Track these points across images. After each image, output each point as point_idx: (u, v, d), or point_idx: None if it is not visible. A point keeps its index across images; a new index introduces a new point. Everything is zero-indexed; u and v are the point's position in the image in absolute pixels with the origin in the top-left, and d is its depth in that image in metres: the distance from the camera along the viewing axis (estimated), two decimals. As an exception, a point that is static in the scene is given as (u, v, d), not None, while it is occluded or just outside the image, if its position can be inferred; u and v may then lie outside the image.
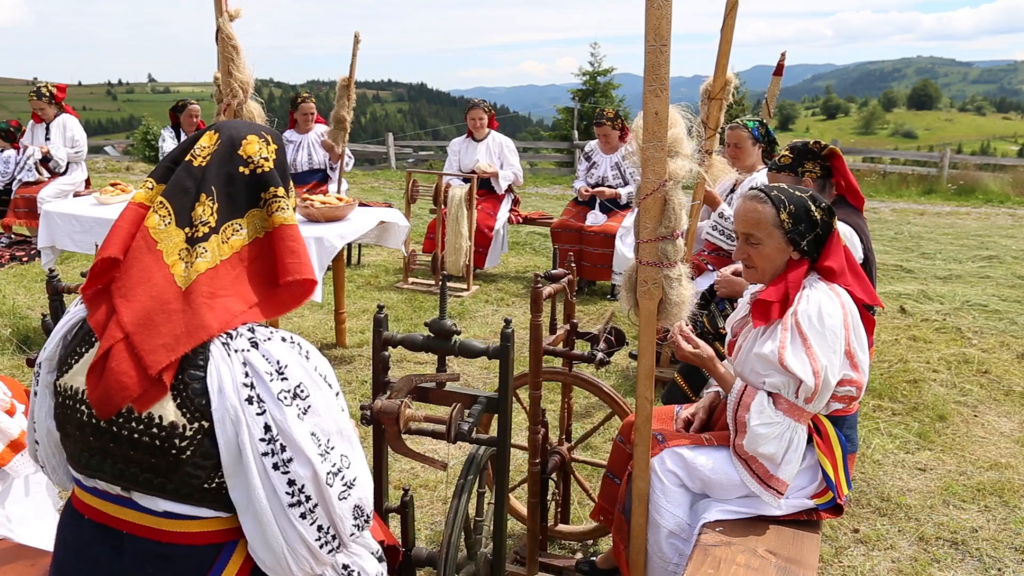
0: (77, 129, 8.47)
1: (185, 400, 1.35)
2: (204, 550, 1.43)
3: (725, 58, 4.21)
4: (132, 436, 1.35)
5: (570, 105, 27.18)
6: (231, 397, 1.34)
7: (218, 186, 1.43)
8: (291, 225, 1.46)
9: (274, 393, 1.35)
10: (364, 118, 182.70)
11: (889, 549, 3.32)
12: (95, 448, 1.39)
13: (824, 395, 2.36)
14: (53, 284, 2.85)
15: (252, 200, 1.46)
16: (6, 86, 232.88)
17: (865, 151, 20.56)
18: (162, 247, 1.39)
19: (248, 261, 1.44)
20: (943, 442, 4.29)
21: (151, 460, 1.36)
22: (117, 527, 1.43)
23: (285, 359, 1.39)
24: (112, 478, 1.40)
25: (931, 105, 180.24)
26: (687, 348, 2.61)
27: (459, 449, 3.99)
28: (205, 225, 1.40)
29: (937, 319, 6.41)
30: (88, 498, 1.47)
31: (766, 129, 4.78)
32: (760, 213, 2.44)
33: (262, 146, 1.48)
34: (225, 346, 1.36)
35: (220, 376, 1.34)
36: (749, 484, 2.44)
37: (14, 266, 7.83)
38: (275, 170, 1.48)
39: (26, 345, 5.49)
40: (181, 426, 1.34)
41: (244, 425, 1.34)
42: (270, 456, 1.35)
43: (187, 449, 1.35)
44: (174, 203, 1.41)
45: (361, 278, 7.51)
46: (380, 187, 14.25)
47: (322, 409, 1.40)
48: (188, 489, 1.38)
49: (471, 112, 7.65)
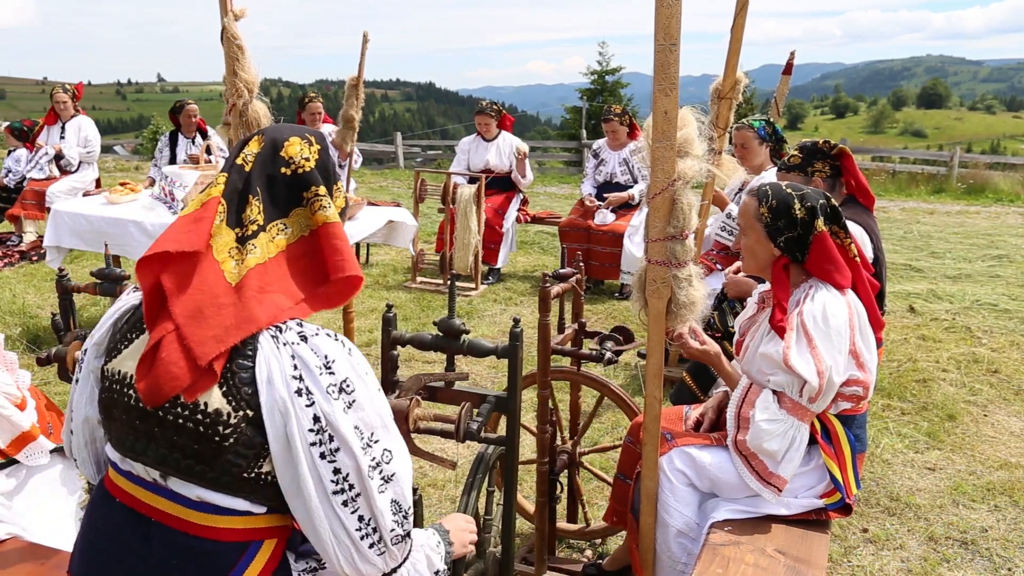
0: (92, 130, 8.54)
1: (231, 388, 1.38)
2: (229, 547, 1.45)
3: (735, 57, 4.20)
4: (177, 422, 1.39)
5: (578, 104, 27.16)
6: (280, 389, 1.37)
7: (263, 188, 1.48)
8: (334, 223, 1.49)
9: (323, 386, 1.39)
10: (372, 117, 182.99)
11: (898, 549, 3.31)
12: (140, 432, 1.43)
13: (828, 395, 2.36)
14: (63, 284, 2.86)
15: (295, 200, 1.50)
16: (16, 86, 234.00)
17: (874, 150, 20.50)
18: (213, 243, 1.43)
19: (294, 259, 1.48)
20: (952, 442, 4.27)
21: (195, 446, 1.39)
22: (147, 514, 1.46)
23: (333, 354, 1.42)
24: (155, 462, 1.43)
25: (941, 104, 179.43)
26: (694, 345, 2.61)
27: (467, 448, 3.99)
28: (254, 224, 1.45)
29: (947, 318, 6.39)
30: (121, 481, 1.50)
31: (773, 128, 4.77)
32: (746, 205, 2.50)
33: (303, 147, 1.52)
34: (275, 339, 1.40)
35: (269, 367, 1.38)
36: (748, 481, 2.44)
37: (24, 265, 7.87)
38: (316, 170, 1.51)
39: (36, 344, 5.52)
40: (226, 414, 1.38)
41: (293, 416, 1.37)
42: (318, 446, 1.38)
43: (230, 437, 1.38)
44: (228, 203, 1.47)
45: (369, 277, 7.52)
46: (388, 186, 14.27)
47: (366, 403, 1.44)
48: (228, 478, 1.41)
49: (478, 117, 7.64)
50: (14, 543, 2.25)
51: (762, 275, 2.59)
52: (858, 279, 2.48)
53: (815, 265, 2.43)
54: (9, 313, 6.18)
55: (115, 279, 2.83)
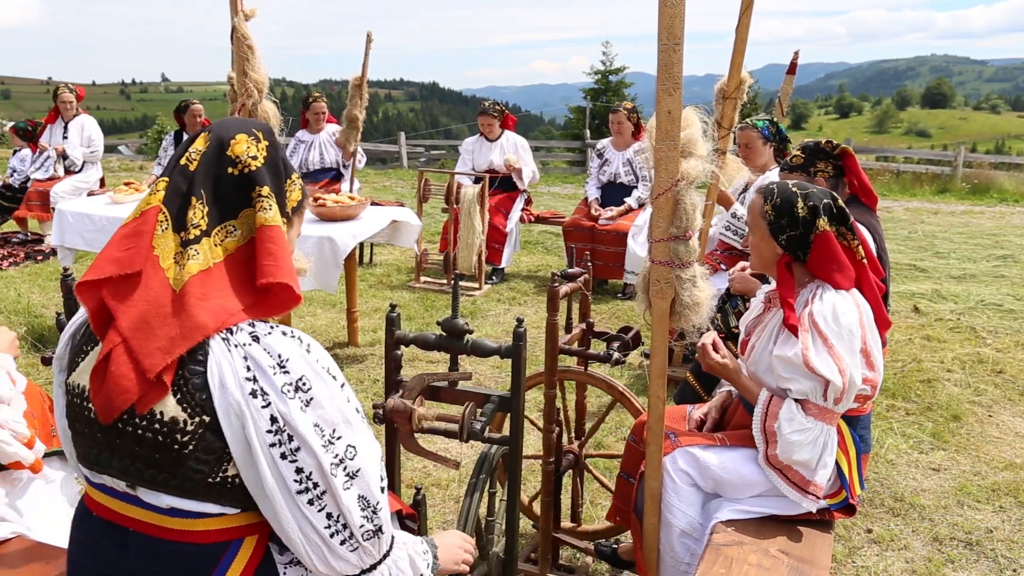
0: (95, 129, 8.55)
1: (185, 395, 1.36)
2: (209, 548, 1.44)
3: (740, 57, 4.19)
4: (136, 432, 1.37)
5: (582, 104, 27.16)
6: (234, 392, 1.35)
7: (207, 189, 1.43)
8: (272, 226, 1.43)
9: (278, 386, 1.36)
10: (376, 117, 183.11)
11: (903, 549, 3.31)
12: (102, 444, 1.41)
13: (851, 394, 2.34)
14: (67, 283, 2.87)
15: (244, 201, 1.45)
16: (21, 86, 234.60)
17: (878, 150, 20.47)
18: (158, 252, 1.40)
19: (240, 263, 1.43)
20: (957, 442, 4.26)
21: (155, 456, 1.37)
22: (123, 524, 1.45)
23: (287, 352, 1.39)
24: (119, 473, 1.42)
25: (945, 104, 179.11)
26: (715, 358, 2.57)
27: (471, 448, 3.99)
28: (196, 228, 1.41)
29: (951, 318, 6.38)
30: (96, 495, 1.49)
31: (776, 128, 4.76)
32: (752, 203, 2.50)
33: (251, 144, 1.46)
34: (225, 341, 1.37)
35: (221, 371, 1.36)
36: (788, 493, 2.42)
37: (29, 265, 7.89)
38: (264, 168, 1.46)
39: (41, 343, 5.53)
40: (182, 421, 1.35)
41: (249, 418, 1.35)
42: (278, 447, 1.36)
43: (189, 444, 1.36)
44: (171, 208, 1.42)
45: (373, 277, 7.52)
46: (392, 186, 14.28)
47: (324, 401, 1.41)
48: (192, 484, 1.39)
49: (481, 118, 7.64)
50: (19, 542, 2.26)
51: (767, 273, 2.59)
52: (864, 280, 2.46)
53: (816, 265, 2.42)
54: (14, 312, 6.20)
55: (120, 279, 2.84)
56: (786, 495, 2.43)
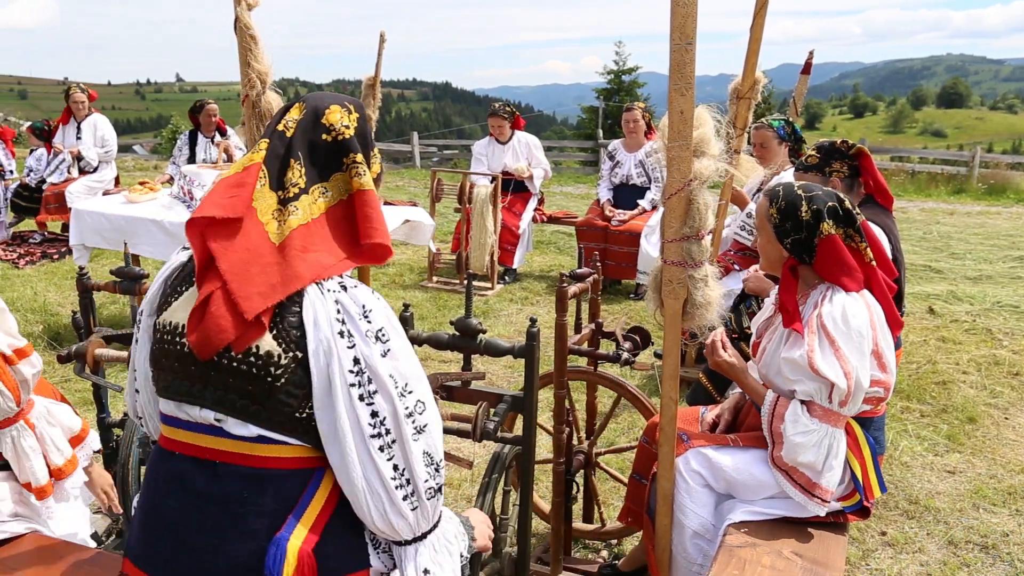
0: (107, 129, 8.59)
1: (281, 331, 1.45)
2: (296, 474, 1.50)
3: (754, 57, 4.17)
4: (231, 365, 1.45)
5: (595, 104, 27.13)
6: (325, 329, 1.45)
7: (304, 153, 1.54)
8: (368, 191, 1.55)
9: (362, 331, 1.46)
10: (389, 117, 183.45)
11: (917, 552, 3.29)
12: (195, 377, 1.49)
13: (858, 397, 2.32)
14: (83, 282, 2.89)
15: (335, 165, 1.55)
16: (37, 86, 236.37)
17: (893, 150, 20.32)
18: (256, 205, 1.49)
19: (335, 220, 1.54)
20: (973, 445, 4.23)
21: (248, 387, 1.45)
22: (211, 457, 1.50)
23: (370, 304, 1.49)
24: (211, 404, 1.49)
25: (961, 103, 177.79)
26: (723, 355, 2.57)
27: (483, 448, 4.00)
28: (295, 187, 1.51)
29: (967, 320, 6.33)
30: (180, 434, 1.54)
31: (791, 127, 4.74)
32: (759, 206, 2.50)
33: (344, 115, 1.57)
34: (318, 286, 1.47)
35: (316, 311, 1.45)
36: (793, 495, 2.40)
37: (45, 263, 7.95)
38: (355, 137, 1.57)
39: (56, 342, 5.57)
40: (276, 355, 1.44)
41: (336, 356, 1.44)
42: (357, 387, 1.45)
43: (281, 377, 1.44)
44: (270, 167, 1.53)
45: (386, 276, 7.54)
46: (405, 186, 14.31)
47: (400, 353, 1.50)
48: (281, 417, 1.47)
49: (491, 119, 7.64)
50: (34, 538, 2.28)
51: (775, 274, 2.58)
52: (873, 283, 2.44)
53: (823, 268, 2.40)
54: (31, 311, 6.25)
55: (134, 277, 2.86)
56: (792, 497, 2.42)
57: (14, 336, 2.20)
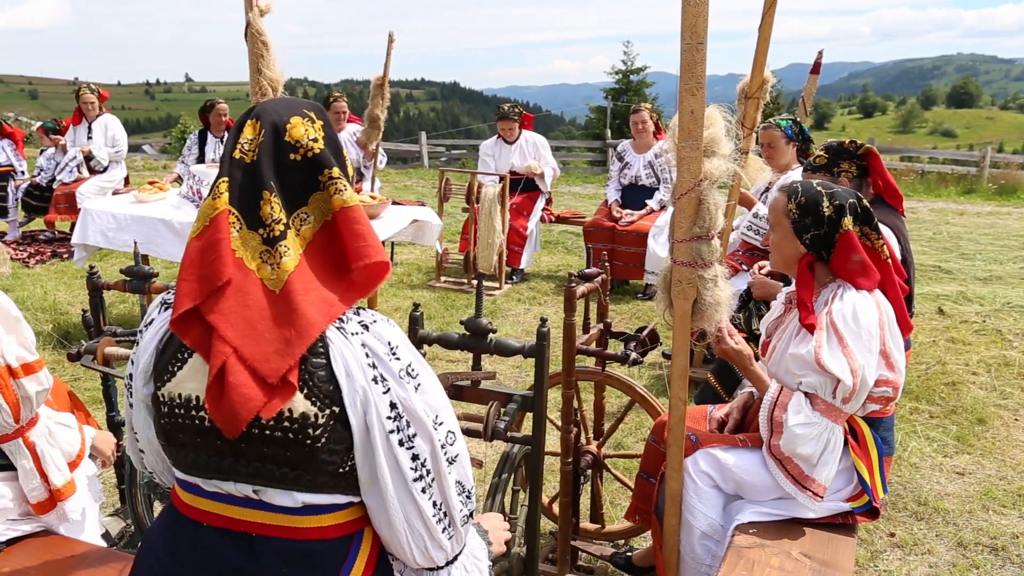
0: (118, 129, 8.62)
1: (312, 389, 1.34)
2: (338, 543, 1.44)
3: (763, 56, 4.16)
4: (264, 434, 1.34)
5: (603, 104, 27.10)
6: (359, 379, 1.35)
7: (275, 180, 1.38)
8: (352, 207, 1.40)
9: (395, 372, 1.38)
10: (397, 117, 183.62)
11: (926, 554, 3.27)
12: (225, 451, 1.37)
13: (861, 395, 2.33)
14: (93, 280, 2.91)
15: (312, 185, 1.40)
16: (48, 86, 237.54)
17: (903, 150, 20.24)
18: (241, 254, 1.36)
19: (322, 249, 1.40)
20: (983, 446, 4.21)
21: (287, 454, 1.35)
22: (246, 530, 1.41)
23: (395, 340, 1.41)
24: (247, 478, 1.38)
25: (972, 103, 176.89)
26: (729, 343, 2.56)
27: (491, 448, 4.00)
28: (278, 223, 1.36)
29: (977, 321, 6.30)
30: (208, 504, 1.44)
31: (799, 127, 4.73)
32: (775, 201, 2.50)
33: (307, 126, 1.40)
34: (341, 331, 1.37)
35: (346, 360, 1.35)
36: (784, 486, 2.41)
37: (55, 262, 7.98)
38: (326, 149, 1.41)
39: (66, 340, 5.60)
40: (313, 415, 1.34)
41: (372, 405, 1.35)
42: (396, 433, 1.37)
43: (321, 437, 1.35)
44: (240, 207, 1.37)
45: (394, 276, 7.55)
46: (413, 186, 14.32)
47: (429, 387, 1.44)
48: (325, 477, 1.38)
49: (501, 123, 7.62)
50: (45, 538, 2.29)
51: (788, 272, 2.57)
52: (888, 281, 2.44)
53: (840, 265, 2.41)
54: (41, 309, 6.28)
55: (144, 276, 2.87)
56: (784, 488, 2.42)
57: (27, 349, 2.11)
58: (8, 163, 9.19)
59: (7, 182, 9.03)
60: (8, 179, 9.07)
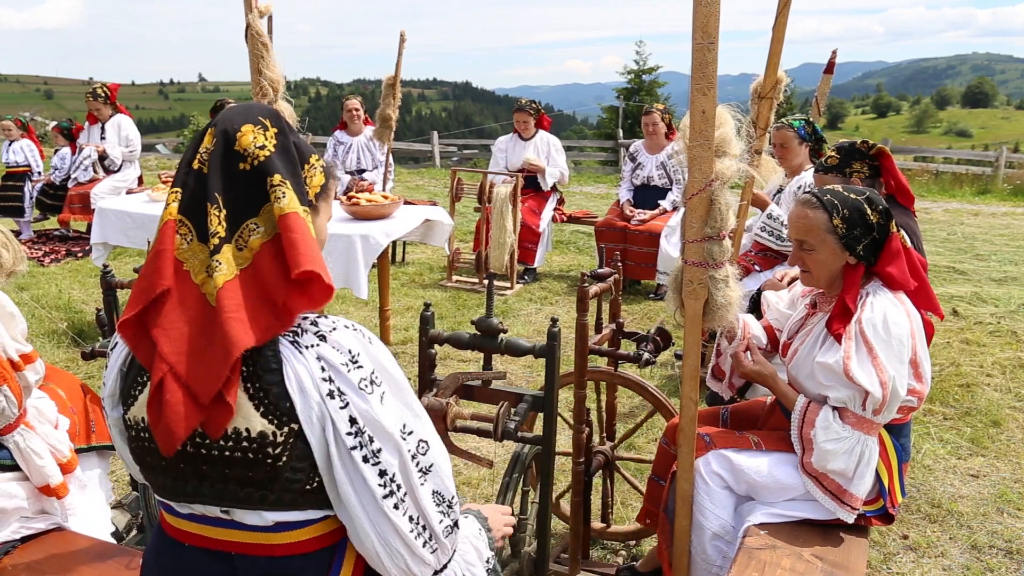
0: (131, 129, 8.67)
1: (269, 407, 1.30)
2: (319, 555, 1.41)
3: (776, 56, 4.13)
4: (223, 455, 1.31)
5: (615, 104, 27.07)
6: (313, 395, 1.30)
7: (222, 191, 1.34)
8: (289, 214, 1.32)
9: (354, 383, 1.32)
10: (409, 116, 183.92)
11: (940, 557, 3.25)
12: (188, 474, 1.34)
13: (893, 406, 2.29)
14: (107, 279, 2.92)
15: (262, 195, 1.34)
16: (62, 86, 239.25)
17: (917, 150, 20.13)
18: (188, 267, 1.33)
19: (269, 259, 1.33)
20: (997, 448, 4.18)
21: (248, 474, 1.31)
22: (225, 549, 1.40)
23: (356, 348, 1.34)
24: (213, 500, 1.36)
25: (987, 103, 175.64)
26: (749, 364, 2.54)
27: (502, 447, 4.00)
28: (215, 236, 1.31)
29: (991, 322, 6.25)
30: (186, 524, 1.42)
31: (812, 128, 4.71)
32: (812, 219, 2.37)
33: (258, 134, 1.36)
34: (295, 344, 1.32)
35: (298, 376, 1.30)
36: (823, 502, 2.39)
37: (69, 261, 8.04)
38: (275, 156, 1.36)
39: (81, 338, 5.64)
40: (271, 433, 1.30)
41: (329, 421, 1.30)
42: (359, 449, 1.31)
43: (282, 456, 1.31)
44: (191, 217, 1.34)
45: (405, 275, 7.56)
46: (425, 185, 14.34)
47: (395, 394, 1.38)
48: (292, 495, 1.34)
49: (517, 114, 7.65)
50: (57, 535, 2.31)
51: (830, 288, 2.47)
52: (920, 281, 2.41)
53: (895, 268, 2.35)
54: (55, 308, 6.33)
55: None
56: (822, 503, 2.40)
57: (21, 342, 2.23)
58: (26, 163, 9.28)
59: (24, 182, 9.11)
60: (25, 179, 9.15)
